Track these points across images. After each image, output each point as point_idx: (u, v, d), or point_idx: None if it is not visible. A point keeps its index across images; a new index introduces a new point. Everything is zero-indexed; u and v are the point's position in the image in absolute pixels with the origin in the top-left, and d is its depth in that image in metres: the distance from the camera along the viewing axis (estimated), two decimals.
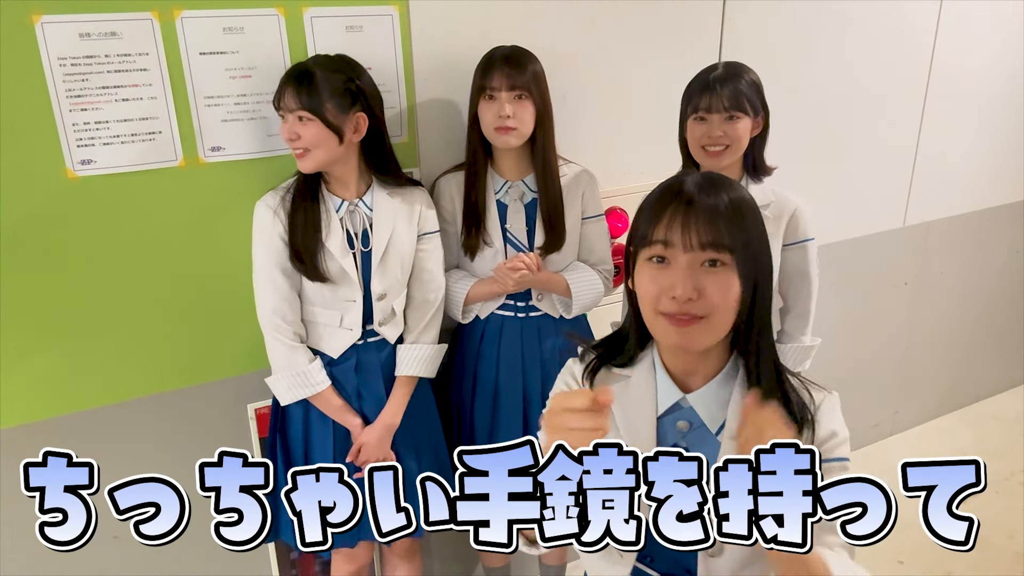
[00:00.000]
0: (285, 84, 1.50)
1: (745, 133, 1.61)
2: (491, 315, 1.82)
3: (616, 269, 2.16)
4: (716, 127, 1.60)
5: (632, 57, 2.05)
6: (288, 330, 1.61)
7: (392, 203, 1.64)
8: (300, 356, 1.61)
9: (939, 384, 3.30)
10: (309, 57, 1.59)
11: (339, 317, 1.63)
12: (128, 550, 1.76)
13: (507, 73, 1.65)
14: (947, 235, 3.02)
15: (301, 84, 1.48)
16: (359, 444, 1.67)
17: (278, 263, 1.57)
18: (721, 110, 1.59)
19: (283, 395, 1.64)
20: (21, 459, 1.67)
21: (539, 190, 1.76)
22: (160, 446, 1.73)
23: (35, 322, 1.54)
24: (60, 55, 1.42)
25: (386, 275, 1.64)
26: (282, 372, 1.62)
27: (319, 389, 1.63)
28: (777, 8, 2.25)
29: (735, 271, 0.92)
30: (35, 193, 1.47)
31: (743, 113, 1.60)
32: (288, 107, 1.49)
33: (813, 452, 0.83)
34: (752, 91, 1.61)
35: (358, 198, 1.62)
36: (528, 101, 1.67)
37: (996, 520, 2.67)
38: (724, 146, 1.61)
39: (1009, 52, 2.87)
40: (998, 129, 2.98)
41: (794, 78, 1.69)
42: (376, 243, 1.62)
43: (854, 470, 0.92)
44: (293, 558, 1.93)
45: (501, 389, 1.83)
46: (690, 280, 0.91)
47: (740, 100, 1.59)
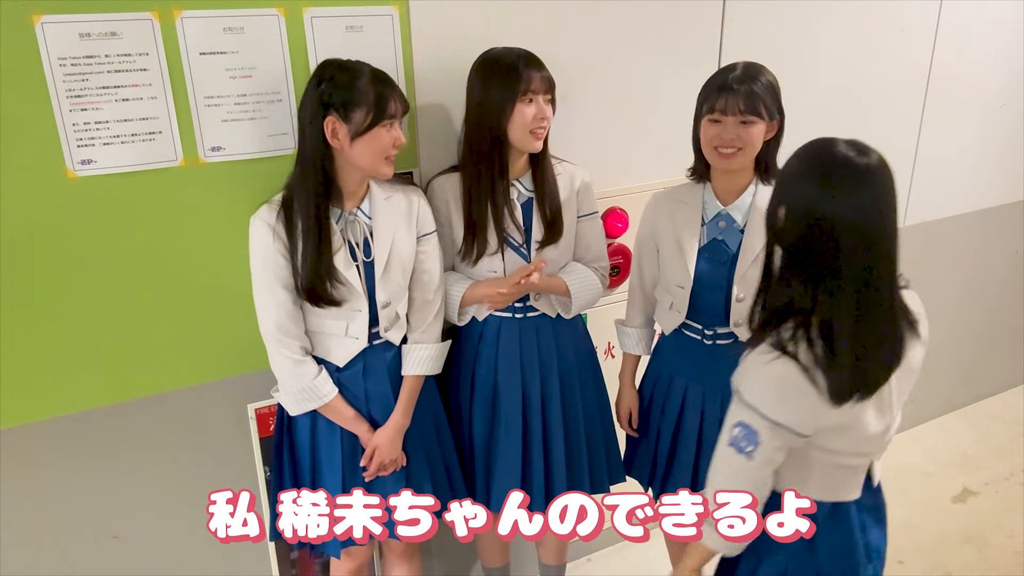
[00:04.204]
0: (391, 93, 1.51)
1: (759, 137, 1.59)
2: (489, 316, 1.82)
3: (616, 269, 2.16)
4: (730, 129, 1.58)
5: (632, 57, 2.05)
6: (293, 344, 1.58)
7: (390, 207, 1.63)
8: (307, 370, 1.59)
9: (939, 384, 3.30)
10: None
11: (344, 326, 1.62)
12: (128, 550, 1.76)
13: (544, 76, 1.66)
14: (947, 235, 3.02)
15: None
16: (372, 448, 1.66)
17: (280, 278, 1.54)
18: (736, 113, 1.56)
19: (292, 408, 1.62)
20: (21, 459, 1.68)
21: (537, 189, 1.76)
22: (160, 446, 1.73)
23: (35, 322, 1.54)
24: (60, 55, 1.42)
25: (390, 283, 1.63)
26: (289, 387, 1.60)
27: (327, 400, 1.61)
28: (777, 8, 2.25)
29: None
30: (35, 193, 1.47)
31: (758, 117, 1.56)
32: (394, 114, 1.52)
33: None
34: (769, 95, 1.58)
35: (356, 207, 1.60)
36: (551, 104, 1.69)
37: (996, 520, 2.67)
38: (737, 148, 1.60)
39: (1009, 52, 2.87)
40: (998, 129, 2.98)
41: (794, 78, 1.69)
42: (378, 253, 1.61)
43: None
44: (293, 558, 1.93)
45: (500, 390, 1.82)
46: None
47: (756, 104, 1.56)
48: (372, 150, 1.51)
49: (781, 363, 1.14)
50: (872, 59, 2.51)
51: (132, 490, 1.73)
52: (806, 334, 1.14)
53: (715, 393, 1.74)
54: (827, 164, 1.13)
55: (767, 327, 1.19)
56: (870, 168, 1.11)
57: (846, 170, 1.11)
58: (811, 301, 1.14)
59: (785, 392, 1.16)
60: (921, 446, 3.14)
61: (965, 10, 2.66)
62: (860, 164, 1.11)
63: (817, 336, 1.14)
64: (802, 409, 1.16)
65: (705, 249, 1.70)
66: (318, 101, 1.48)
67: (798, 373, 1.14)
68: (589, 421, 1.91)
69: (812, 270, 1.14)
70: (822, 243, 1.12)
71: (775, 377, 1.16)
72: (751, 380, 1.20)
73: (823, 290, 1.13)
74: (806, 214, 1.12)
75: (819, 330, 1.14)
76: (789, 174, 1.18)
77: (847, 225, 1.10)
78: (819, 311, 1.14)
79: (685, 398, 1.80)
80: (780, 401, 1.17)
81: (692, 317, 1.75)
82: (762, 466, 1.21)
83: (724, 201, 1.68)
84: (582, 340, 1.93)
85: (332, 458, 1.67)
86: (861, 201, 1.10)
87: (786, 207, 1.16)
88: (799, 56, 2.33)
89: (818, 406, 1.15)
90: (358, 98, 1.47)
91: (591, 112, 2.03)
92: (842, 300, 1.13)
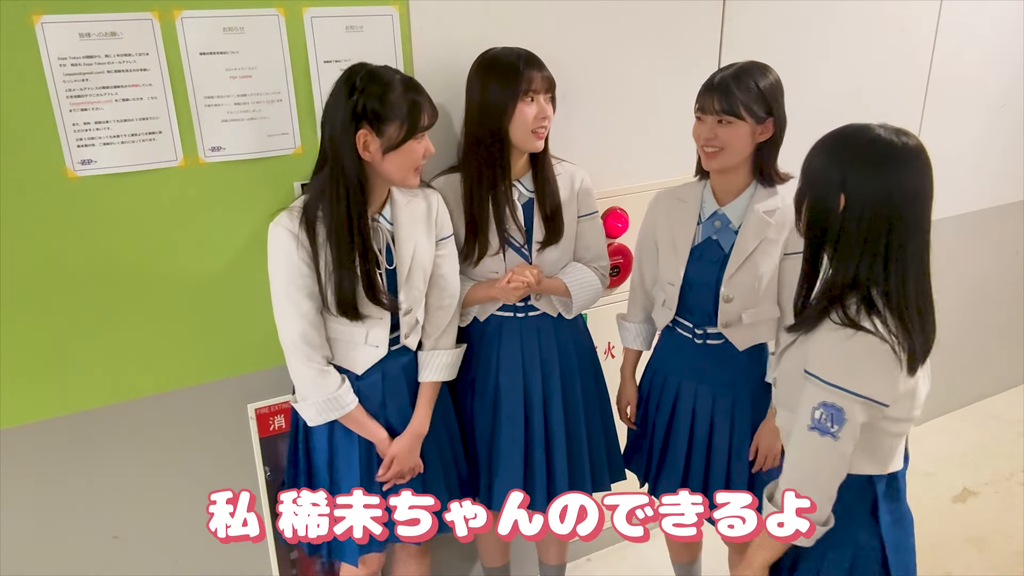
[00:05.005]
0: (423, 104, 1.49)
1: (739, 138, 1.58)
2: (490, 316, 1.82)
3: (616, 269, 2.16)
4: (708, 128, 1.60)
5: (632, 57, 2.05)
6: (317, 355, 1.55)
7: (410, 212, 1.61)
8: (330, 380, 1.57)
9: (939, 384, 3.29)
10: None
11: (364, 334, 1.59)
12: (128, 550, 1.76)
13: (544, 75, 1.65)
14: (947, 235, 3.02)
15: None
16: (391, 457, 1.65)
17: (304, 287, 1.50)
18: (712, 112, 1.57)
19: (313, 419, 1.59)
20: (21, 459, 1.68)
21: (538, 189, 1.76)
22: (160, 446, 1.73)
23: (35, 322, 1.54)
24: (60, 55, 1.42)
25: (412, 290, 1.62)
26: (312, 398, 1.56)
27: (349, 409, 1.59)
28: (777, 8, 2.25)
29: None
30: (35, 193, 1.47)
31: (735, 117, 1.55)
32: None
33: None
34: (756, 96, 1.56)
35: (378, 212, 1.58)
36: (552, 103, 1.68)
37: (996, 520, 2.67)
38: (718, 148, 1.60)
39: (1009, 52, 2.87)
40: (998, 129, 2.98)
41: (794, 78, 1.69)
42: (401, 260, 1.59)
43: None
44: (293, 558, 1.93)
45: (501, 389, 1.82)
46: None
47: (733, 104, 1.55)
48: (404, 163, 1.49)
49: (861, 337, 1.19)
50: (872, 59, 2.51)
51: (132, 490, 1.73)
52: (872, 308, 1.20)
53: (706, 392, 1.75)
54: (881, 145, 1.21)
55: (828, 308, 1.24)
56: (918, 146, 1.24)
57: (900, 150, 1.21)
58: (883, 274, 1.21)
59: (871, 365, 1.20)
60: (921, 446, 3.14)
61: (965, 10, 2.66)
62: (910, 144, 1.22)
63: (884, 307, 1.20)
64: (887, 379, 1.21)
65: (698, 248, 1.70)
66: (350, 112, 1.44)
67: (880, 344, 1.19)
68: (590, 420, 1.91)
69: (877, 247, 1.20)
70: (891, 219, 1.19)
71: (859, 351, 1.20)
72: (830, 359, 1.23)
73: (892, 261, 1.20)
74: (873, 193, 1.19)
75: (884, 301, 1.21)
76: (839, 160, 1.23)
77: (911, 198, 1.21)
78: (885, 284, 1.21)
79: (678, 396, 1.81)
80: (866, 374, 1.20)
81: (683, 315, 1.76)
82: (848, 444, 1.23)
83: (721, 201, 1.69)
84: (583, 339, 1.93)
85: (351, 467, 1.64)
86: (919, 175, 1.23)
87: (847, 192, 1.21)
88: (799, 56, 2.33)
89: (898, 374, 1.21)
90: (392, 113, 1.44)
91: (591, 112, 2.03)
92: (908, 270, 1.22)
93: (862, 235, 1.21)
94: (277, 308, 1.54)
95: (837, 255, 1.25)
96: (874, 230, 1.20)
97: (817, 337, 1.25)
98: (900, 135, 1.22)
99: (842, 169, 1.22)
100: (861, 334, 1.19)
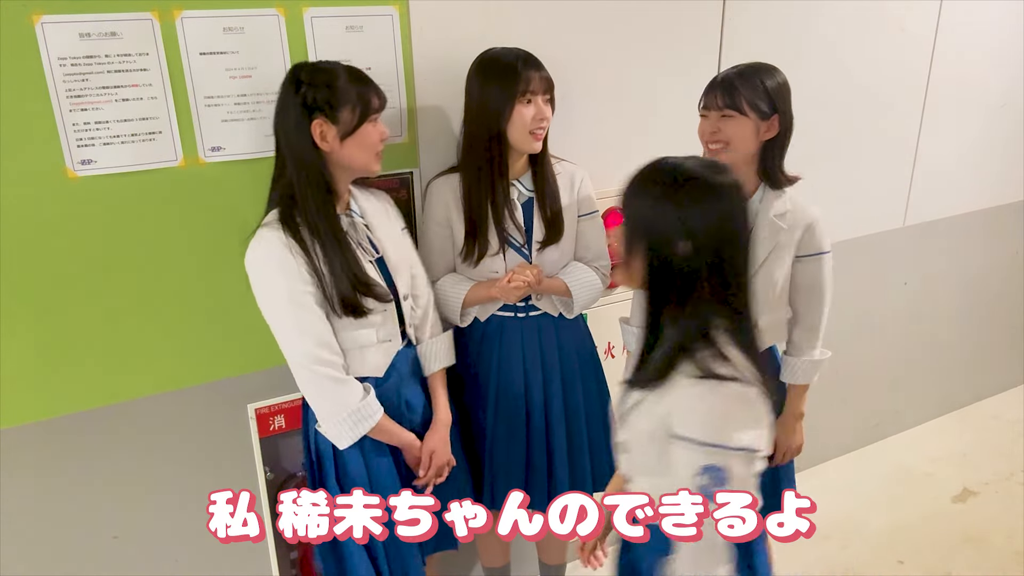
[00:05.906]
0: (370, 88, 1.49)
1: (742, 134, 1.58)
2: (491, 316, 1.82)
3: None
4: (712, 124, 1.60)
5: (632, 57, 2.05)
6: (336, 362, 1.50)
7: (372, 206, 1.63)
8: (352, 389, 1.51)
9: (939, 384, 3.30)
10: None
11: (375, 333, 1.57)
12: (128, 550, 1.76)
13: (543, 76, 1.65)
14: (947, 235, 3.02)
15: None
16: (428, 452, 1.64)
17: (311, 295, 1.47)
18: (715, 107, 1.59)
19: (343, 439, 1.52)
20: (21, 459, 1.68)
21: (537, 189, 1.76)
22: (160, 446, 1.73)
23: (35, 322, 1.54)
24: (60, 55, 1.42)
25: (402, 275, 1.63)
26: (336, 415, 1.50)
27: (378, 418, 1.54)
28: (777, 8, 2.25)
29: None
30: (35, 193, 1.47)
31: (737, 112, 1.57)
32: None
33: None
34: (761, 93, 1.57)
35: (347, 208, 1.58)
36: (551, 104, 1.68)
37: (996, 520, 2.67)
38: (722, 144, 1.60)
39: (1009, 52, 2.87)
40: (998, 129, 2.98)
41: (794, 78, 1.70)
42: (383, 247, 1.60)
43: (856, 471, 0.93)
44: (293, 558, 1.93)
45: (502, 389, 1.82)
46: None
47: (736, 98, 1.56)
48: (363, 147, 1.50)
49: (727, 386, 1.10)
50: (872, 59, 2.51)
51: (132, 490, 1.73)
52: (719, 353, 1.12)
53: None
54: (704, 182, 1.12)
55: (675, 362, 1.14)
56: (735, 183, 1.14)
57: (723, 186, 1.12)
58: (732, 315, 1.14)
59: (740, 412, 1.11)
60: (921, 446, 3.15)
61: (965, 10, 2.66)
62: (724, 181, 1.13)
63: (736, 349, 1.13)
64: (762, 424, 1.13)
65: None
66: (300, 105, 1.43)
67: (745, 388, 1.11)
68: (591, 420, 1.91)
69: (726, 288, 1.13)
70: (733, 256, 1.13)
71: (729, 401, 1.10)
72: (700, 414, 1.11)
73: (739, 300, 1.14)
74: (716, 233, 1.11)
75: (735, 342, 1.13)
76: (672, 200, 1.13)
77: (742, 230, 1.14)
78: (734, 324, 1.14)
79: None
80: (739, 424, 1.10)
81: None
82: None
83: None
84: (584, 339, 1.93)
85: (395, 480, 1.61)
86: (740, 206, 1.14)
87: (689, 233, 1.10)
88: (799, 56, 2.33)
89: (771, 418, 1.15)
90: (343, 98, 1.45)
91: (591, 112, 2.03)
92: (749, 306, 1.16)
93: (713, 279, 1.12)
94: (280, 326, 1.48)
95: (688, 305, 1.13)
96: (719, 271, 1.12)
97: (677, 395, 1.13)
98: (714, 169, 1.14)
99: (679, 211, 1.11)
100: (726, 383, 1.10)
